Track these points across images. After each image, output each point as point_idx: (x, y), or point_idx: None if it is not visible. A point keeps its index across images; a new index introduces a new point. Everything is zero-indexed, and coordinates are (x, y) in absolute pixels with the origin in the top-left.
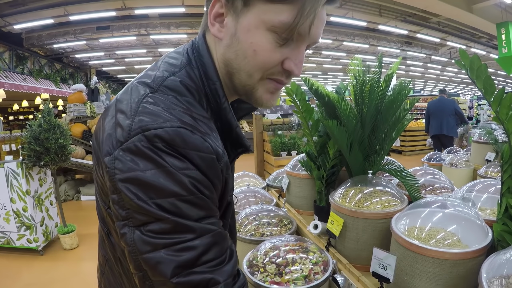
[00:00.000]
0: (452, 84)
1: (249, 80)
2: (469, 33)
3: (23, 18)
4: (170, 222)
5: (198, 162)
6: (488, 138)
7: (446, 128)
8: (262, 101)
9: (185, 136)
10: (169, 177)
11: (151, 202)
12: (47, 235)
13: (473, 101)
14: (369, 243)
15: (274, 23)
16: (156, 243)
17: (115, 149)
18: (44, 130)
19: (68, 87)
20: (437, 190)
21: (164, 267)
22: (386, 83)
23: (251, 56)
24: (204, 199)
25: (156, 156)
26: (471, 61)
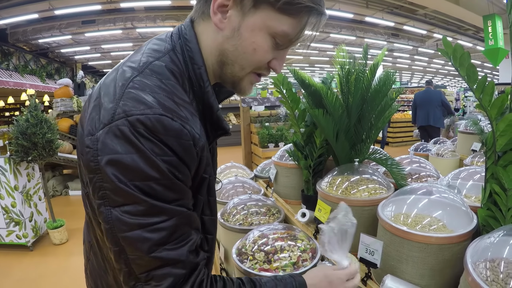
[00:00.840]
0: (439, 76)
1: (240, 72)
2: (456, 25)
3: (8, 13)
4: (146, 204)
5: (176, 148)
6: (474, 129)
7: (433, 119)
8: (245, 90)
9: (166, 123)
10: (148, 162)
11: (131, 184)
12: (36, 231)
13: (460, 93)
14: (357, 230)
15: (277, 30)
16: (132, 223)
17: (97, 130)
18: (31, 125)
19: (54, 83)
20: (423, 178)
21: (141, 245)
22: (371, 72)
23: (250, 53)
24: (178, 184)
25: (137, 141)
26: (454, 49)
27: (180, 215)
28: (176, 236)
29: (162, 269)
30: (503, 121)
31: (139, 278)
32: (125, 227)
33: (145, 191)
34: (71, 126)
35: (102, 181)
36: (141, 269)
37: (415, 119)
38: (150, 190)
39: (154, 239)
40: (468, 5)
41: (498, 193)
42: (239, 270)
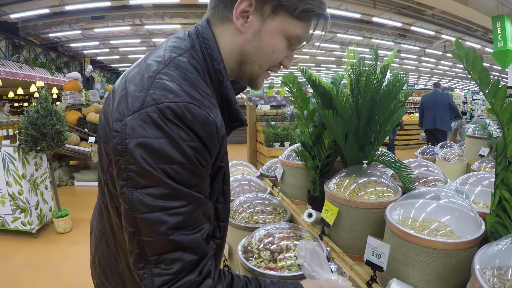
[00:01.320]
0: (446, 78)
1: (258, 70)
2: (464, 26)
3: (20, 7)
4: (169, 188)
5: (202, 134)
6: (482, 133)
7: (440, 122)
8: (258, 85)
9: (194, 111)
10: (175, 147)
11: (157, 166)
12: (41, 219)
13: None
14: (363, 233)
15: (291, 34)
16: (153, 206)
17: (126, 116)
18: (41, 116)
19: (62, 76)
20: (430, 183)
21: (158, 227)
22: (382, 74)
23: (269, 54)
24: (201, 169)
25: (166, 127)
26: (467, 52)
27: (198, 202)
28: (192, 222)
29: (173, 253)
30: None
31: (150, 260)
32: (146, 208)
33: (170, 175)
34: (79, 119)
35: (128, 163)
36: (153, 252)
37: (422, 122)
38: (174, 174)
39: (172, 223)
40: (476, 6)
41: (508, 200)
42: (244, 268)
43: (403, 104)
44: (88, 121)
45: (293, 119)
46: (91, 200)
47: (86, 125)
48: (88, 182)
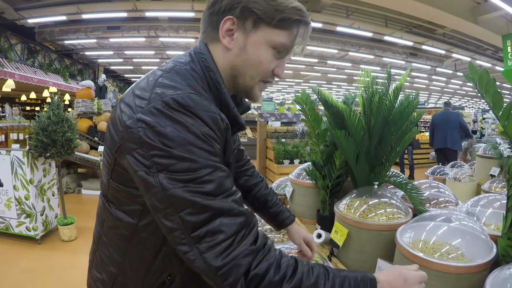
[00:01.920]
0: (456, 96)
1: (251, 81)
2: (475, 45)
3: (37, 13)
4: (191, 161)
5: (207, 119)
6: (493, 153)
7: (451, 142)
8: (257, 97)
9: (196, 99)
10: (186, 129)
11: (175, 146)
12: (47, 225)
13: (478, 114)
14: (373, 255)
15: (275, 42)
16: (182, 179)
17: (136, 113)
18: (53, 123)
19: (76, 83)
20: (441, 204)
21: (191, 197)
22: (394, 95)
23: (257, 65)
24: (215, 146)
25: (173, 115)
26: (480, 75)
27: (222, 169)
28: (223, 189)
29: (213, 222)
30: None
31: (192, 238)
32: (174, 183)
33: (189, 151)
34: (90, 127)
35: (148, 151)
36: (192, 227)
37: (432, 141)
38: (193, 150)
39: (203, 190)
40: (487, 25)
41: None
42: None
43: (415, 125)
44: (98, 130)
45: (304, 136)
46: None
47: (96, 134)
48: (95, 190)
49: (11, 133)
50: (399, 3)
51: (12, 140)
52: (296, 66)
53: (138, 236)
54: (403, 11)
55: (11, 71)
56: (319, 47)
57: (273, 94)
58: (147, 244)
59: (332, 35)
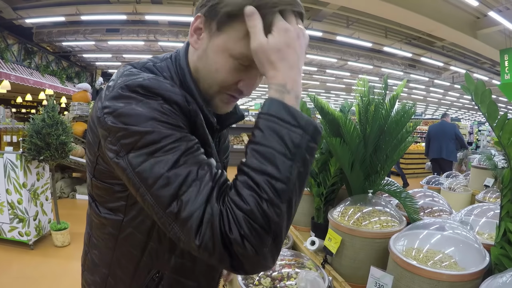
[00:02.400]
0: (453, 108)
1: (209, 90)
2: (473, 58)
3: (35, 13)
4: (156, 133)
5: (170, 98)
6: (487, 164)
7: (446, 152)
8: (218, 108)
9: (159, 81)
10: (147, 106)
11: (137, 125)
12: (39, 230)
13: (474, 126)
14: (366, 262)
15: (235, 52)
16: (147, 152)
17: (103, 103)
18: (47, 125)
19: (72, 86)
20: (435, 213)
21: (159, 166)
22: (391, 104)
23: (214, 72)
24: (179, 121)
25: (135, 96)
26: (476, 86)
27: (189, 137)
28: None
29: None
30: None
31: (168, 215)
32: (141, 159)
33: (151, 125)
34: (85, 131)
35: (115, 136)
36: (165, 201)
37: (428, 152)
38: (155, 124)
39: (170, 159)
40: (485, 39)
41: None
42: None
43: (411, 135)
44: None
45: None
46: None
47: None
48: None
49: (4, 135)
50: (399, 15)
51: (5, 142)
52: None
53: (124, 233)
54: (403, 22)
55: (6, 71)
56: (319, 55)
57: None
58: (133, 241)
59: (332, 44)
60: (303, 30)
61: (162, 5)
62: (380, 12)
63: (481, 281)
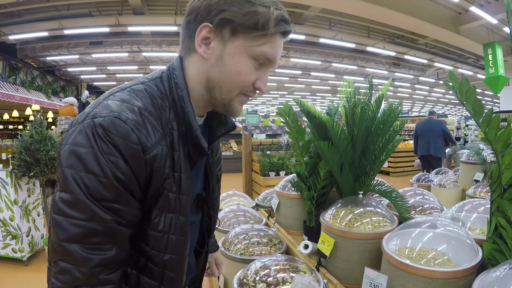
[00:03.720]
0: (439, 104)
1: (229, 94)
2: (456, 54)
3: (18, 29)
4: (74, 197)
5: (123, 149)
6: (476, 159)
7: (434, 149)
8: (237, 111)
9: (118, 124)
10: (95, 158)
11: (74, 173)
12: (33, 246)
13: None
14: (360, 263)
15: (256, 53)
16: (60, 209)
17: (71, 127)
18: (36, 141)
19: (59, 100)
20: (426, 211)
21: (58, 230)
22: (377, 104)
23: (235, 76)
24: (116, 186)
25: (93, 139)
26: (460, 83)
27: (102, 222)
28: (91, 241)
29: (66, 263)
30: (509, 154)
31: (51, 260)
32: (55, 208)
33: (84, 183)
34: None
35: (58, 166)
36: (54, 253)
37: (417, 149)
38: (88, 183)
39: (70, 232)
40: (468, 34)
41: (504, 227)
42: None
43: (398, 134)
44: None
45: (289, 148)
46: None
47: None
48: None
49: None
50: (381, 14)
51: None
52: (280, 78)
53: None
54: (385, 22)
55: None
56: (303, 58)
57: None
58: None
59: (315, 46)
60: None
61: (144, 15)
62: (362, 12)
63: (475, 277)
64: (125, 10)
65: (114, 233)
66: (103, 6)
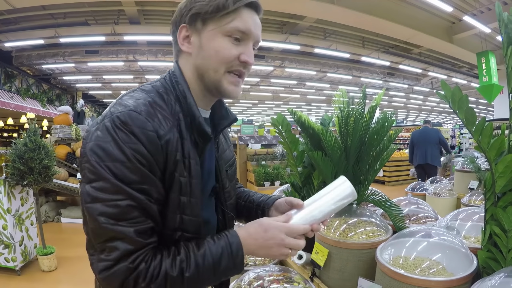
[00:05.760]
0: (434, 113)
1: (216, 75)
2: (450, 63)
3: (14, 36)
4: (109, 182)
5: (141, 137)
6: (470, 167)
7: (431, 158)
8: (229, 92)
9: (134, 116)
10: (118, 148)
11: (103, 164)
12: (26, 256)
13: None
14: (354, 274)
15: (228, 29)
16: (95, 197)
17: (92, 127)
18: (29, 150)
19: (54, 108)
20: (421, 220)
21: (98, 217)
22: (370, 114)
23: (215, 55)
24: (141, 169)
25: (113, 132)
26: (452, 92)
27: (136, 200)
28: (129, 216)
29: (112, 242)
30: (502, 162)
31: (96, 247)
32: (89, 198)
33: (112, 171)
34: (68, 154)
35: (84, 162)
36: (97, 239)
37: (412, 158)
38: (116, 171)
39: (109, 213)
40: (461, 43)
41: (498, 235)
42: None
43: (393, 143)
44: (77, 157)
45: (284, 158)
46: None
47: (75, 161)
48: (75, 219)
49: None
50: (375, 25)
51: None
52: (275, 88)
53: None
54: (380, 32)
55: None
56: (298, 69)
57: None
58: None
59: (310, 57)
60: None
61: (140, 25)
62: (356, 22)
63: (470, 286)
64: (121, 19)
65: (147, 209)
66: (100, 15)
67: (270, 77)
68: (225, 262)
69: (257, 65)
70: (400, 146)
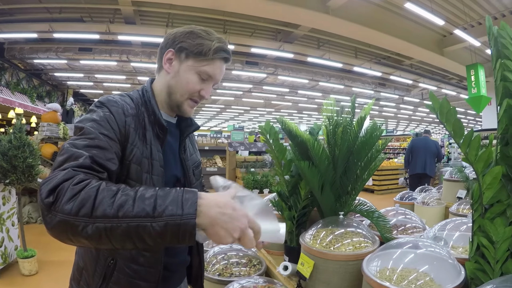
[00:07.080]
0: (423, 124)
1: (180, 98)
2: (440, 75)
3: (8, 28)
4: (85, 128)
5: (112, 109)
6: (459, 176)
7: (429, 168)
8: (186, 111)
9: (109, 98)
10: (95, 113)
11: (83, 123)
12: (6, 258)
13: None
14: (340, 285)
15: (199, 70)
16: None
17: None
18: (14, 147)
19: (43, 105)
20: (409, 230)
21: (66, 143)
22: (358, 125)
23: (185, 85)
24: (109, 126)
25: (94, 107)
26: (441, 104)
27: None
28: (92, 148)
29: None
30: (490, 174)
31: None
32: (68, 141)
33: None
34: (55, 153)
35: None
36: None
37: (409, 165)
38: (92, 124)
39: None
40: (452, 56)
41: (486, 246)
42: None
43: (382, 152)
44: None
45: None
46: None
47: None
48: None
49: None
50: (368, 36)
51: None
52: (267, 95)
53: None
54: (372, 43)
55: None
56: (290, 77)
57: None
58: None
59: (303, 65)
60: None
61: (135, 25)
62: (350, 33)
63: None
64: (117, 18)
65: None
66: (96, 12)
67: (263, 84)
68: (171, 202)
69: (250, 71)
70: (390, 155)
